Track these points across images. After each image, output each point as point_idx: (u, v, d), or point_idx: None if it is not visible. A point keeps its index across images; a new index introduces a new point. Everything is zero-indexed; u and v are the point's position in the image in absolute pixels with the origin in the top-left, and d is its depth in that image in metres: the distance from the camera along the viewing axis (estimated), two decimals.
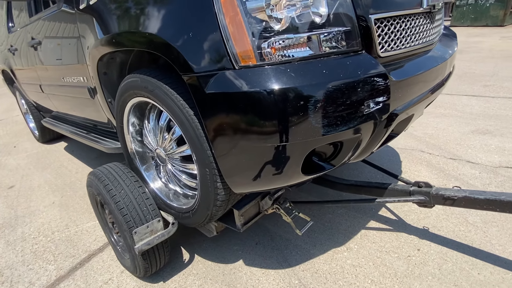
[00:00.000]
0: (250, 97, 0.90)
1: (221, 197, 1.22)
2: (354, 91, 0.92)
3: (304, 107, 0.88)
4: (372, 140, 1.08)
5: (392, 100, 1.01)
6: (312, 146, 0.96)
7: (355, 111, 0.94)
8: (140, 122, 1.51)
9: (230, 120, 0.97)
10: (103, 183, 1.47)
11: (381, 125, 1.04)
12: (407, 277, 1.54)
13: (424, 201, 1.57)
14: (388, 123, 1.06)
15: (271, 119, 0.90)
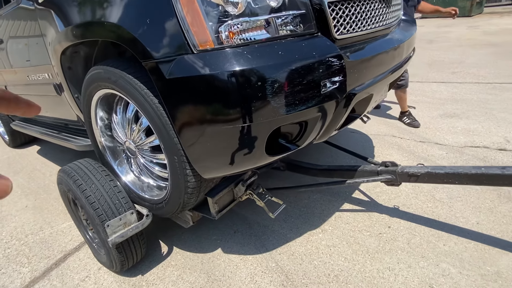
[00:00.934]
0: (210, 80, 0.92)
1: (192, 184, 1.24)
2: (311, 71, 0.96)
3: (262, 87, 0.91)
4: (333, 120, 1.12)
5: (349, 80, 1.05)
6: (274, 126, 0.99)
7: (313, 90, 0.98)
8: (108, 116, 1.50)
9: (192, 104, 0.98)
10: (72, 178, 1.45)
11: (340, 104, 1.09)
12: (378, 252, 1.61)
13: (391, 179, 1.64)
14: (347, 103, 1.11)
15: (231, 101, 0.92)
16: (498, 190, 1.96)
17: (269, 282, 1.52)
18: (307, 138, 1.12)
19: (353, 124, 2.53)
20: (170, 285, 1.57)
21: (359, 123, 2.74)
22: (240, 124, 0.95)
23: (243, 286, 1.51)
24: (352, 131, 3.10)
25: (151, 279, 1.62)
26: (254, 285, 1.51)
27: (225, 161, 1.09)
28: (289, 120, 1.00)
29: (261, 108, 0.93)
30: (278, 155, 1.10)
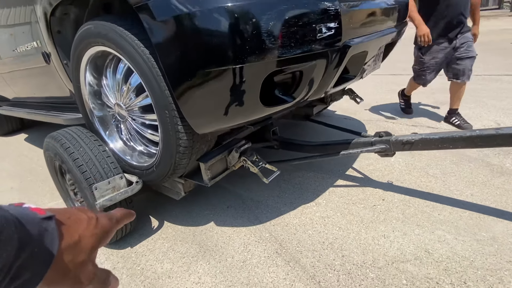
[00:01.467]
0: (200, 17, 0.89)
1: (184, 142, 1.21)
2: (306, 12, 0.94)
3: (256, 25, 0.89)
4: (328, 72, 1.11)
5: (344, 29, 1.04)
6: (269, 69, 0.97)
7: (309, 34, 0.96)
8: (97, 82, 1.46)
9: (183, 47, 0.96)
10: (60, 142, 1.40)
11: (336, 55, 1.08)
12: (373, 222, 1.59)
13: (385, 149, 1.63)
14: (342, 55, 1.10)
15: (223, 38, 0.90)
16: (490, 166, 1.97)
17: (262, 250, 1.48)
18: (302, 90, 1.10)
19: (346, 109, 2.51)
20: (160, 255, 1.52)
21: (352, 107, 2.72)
22: (233, 65, 0.92)
23: (236, 255, 1.47)
24: (345, 117, 3.11)
25: (140, 250, 1.57)
26: (248, 254, 1.47)
27: (219, 112, 1.06)
28: (284, 64, 0.98)
29: (255, 47, 0.91)
30: (273, 106, 1.08)
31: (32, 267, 0.24)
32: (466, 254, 1.34)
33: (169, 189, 1.65)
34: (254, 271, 1.37)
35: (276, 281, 1.31)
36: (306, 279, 1.30)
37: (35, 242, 0.24)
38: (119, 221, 0.37)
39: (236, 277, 1.35)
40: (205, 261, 1.46)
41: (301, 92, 1.10)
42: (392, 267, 1.32)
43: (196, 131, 1.16)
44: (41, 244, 0.25)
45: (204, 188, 2.05)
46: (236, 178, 2.14)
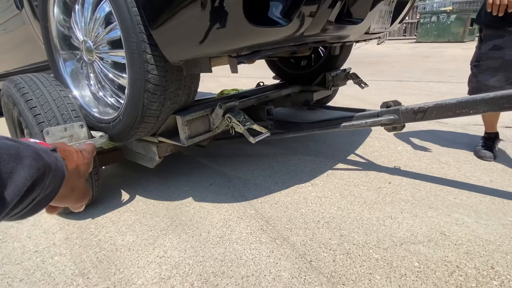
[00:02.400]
0: None
1: (154, 78, 1.01)
2: None
3: None
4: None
5: None
6: None
7: None
8: (67, 18, 1.29)
9: None
10: (15, 83, 1.21)
11: None
12: (378, 203, 1.35)
13: (393, 120, 1.42)
14: None
15: None
16: (509, 154, 1.74)
17: (245, 226, 1.24)
18: (297, 12, 0.90)
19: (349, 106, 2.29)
20: (124, 228, 1.28)
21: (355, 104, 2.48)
22: None
23: (213, 230, 1.23)
24: None
25: (102, 222, 1.33)
26: (227, 230, 1.23)
27: (197, 29, 0.87)
28: None
29: None
30: (262, 26, 0.89)
31: (53, 184, 0.33)
32: (491, 238, 1.10)
33: (142, 155, 1.43)
34: (232, 247, 1.12)
35: (258, 258, 1.06)
36: (294, 257, 1.06)
37: (53, 167, 0.32)
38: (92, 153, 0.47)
39: (209, 253, 1.10)
40: (175, 235, 1.21)
41: (295, 14, 0.91)
42: (401, 249, 1.07)
43: (169, 59, 0.96)
44: (56, 168, 0.33)
45: (184, 168, 1.83)
46: (223, 159, 1.92)
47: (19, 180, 0.28)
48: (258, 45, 0.97)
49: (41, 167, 0.30)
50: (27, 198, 0.30)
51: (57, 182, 0.34)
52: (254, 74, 5.47)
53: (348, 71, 2.27)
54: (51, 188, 0.33)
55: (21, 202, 0.29)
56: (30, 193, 0.30)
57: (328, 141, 2.12)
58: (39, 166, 0.30)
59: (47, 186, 0.32)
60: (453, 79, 4.23)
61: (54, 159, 0.34)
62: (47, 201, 0.33)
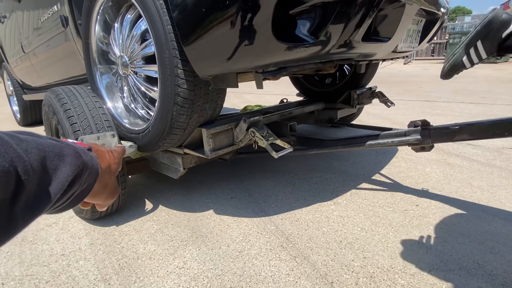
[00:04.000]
0: None
1: (183, 91, 1.05)
2: None
3: None
4: (356, 15, 0.93)
5: None
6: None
7: None
8: (106, 35, 1.38)
9: None
10: (56, 93, 1.30)
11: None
12: (404, 226, 1.29)
13: (421, 140, 1.38)
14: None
15: None
16: None
17: (265, 242, 1.23)
18: (324, 30, 0.92)
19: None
20: (146, 236, 1.30)
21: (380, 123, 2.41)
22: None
23: (232, 244, 1.22)
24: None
25: (126, 230, 1.36)
26: (247, 244, 1.22)
27: (226, 45, 0.90)
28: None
29: None
30: (291, 42, 0.91)
31: (88, 180, 0.36)
32: None
33: (167, 166, 1.47)
34: (251, 263, 1.11)
35: (277, 276, 1.04)
36: (315, 277, 1.03)
37: (89, 165, 0.35)
38: (122, 154, 0.51)
39: (228, 267, 1.09)
40: (195, 247, 1.22)
41: (322, 32, 0.92)
42: (429, 275, 1.01)
43: (198, 74, 1.00)
44: (92, 166, 0.36)
45: (207, 180, 1.85)
46: (244, 173, 1.93)
47: (62, 176, 0.31)
48: (284, 62, 0.99)
49: (80, 165, 0.33)
50: (68, 193, 0.32)
51: (92, 178, 0.37)
52: (277, 91, 5.54)
53: (374, 89, 2.24)
54: (87, 184, 0.36)
55: (63, 196, 0.31)
56: (71, 188, 0.32)
57: (352, 159, 2.08)
58: (79, 163, 0.33)
59: (84, 182, 0.35)
60: (485, 100, 4.06)
61: (90, 158, 0.36)
62: (83, 196, 0.36)
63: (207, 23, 0.88)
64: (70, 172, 0.31)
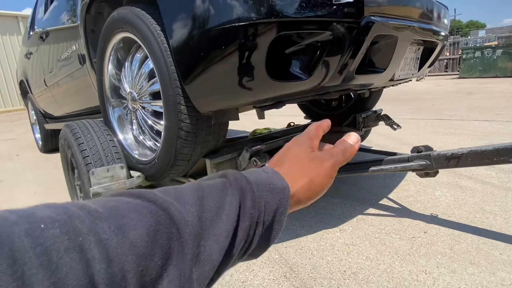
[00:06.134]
0: None
1: (186, 126, 1.11)
2: None
3: None
4: (348, 51, 0.98)
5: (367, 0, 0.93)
6: (274, 32, 0.87)
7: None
8: (118, 72, 1.48)
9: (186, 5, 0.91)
10: (71, 128, 1.39)
11: (357, 30, 0.95)
12: (411, 255, 1.27)
13: (425, 165, 1.37)
14: (365, 30, 0.97)
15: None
16: None
17: (268, 272, 1.23)
18: (317, 67, 0.97)
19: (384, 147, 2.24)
20: None
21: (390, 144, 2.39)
22: (235, 23, 0.84)
23: (235, 274, 1.23)
24: None
25: None
26: (250, 274, 1.22)
27: (223, 84, 0.96)
28: (292, 28, 0.87)
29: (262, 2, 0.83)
30: (284, 81, 0.96)
31: (269, 219, 0.31)
32: None
33: None
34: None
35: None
36: None
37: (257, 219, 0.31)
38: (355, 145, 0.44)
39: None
40: None
41: (316, 69, 0.97)
42: None
43: (199, 110, 1.06)
44: (281, 191, 0.32)
45: None
46: None
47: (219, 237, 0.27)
48: (281, 96, 1.04)
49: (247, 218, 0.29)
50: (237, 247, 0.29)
51: (279, 216, 0.32)
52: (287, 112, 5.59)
53: (379, 112, 2.25)
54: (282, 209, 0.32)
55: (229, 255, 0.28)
56: (238, 243, 0.29)
57: (360, 183, 2.07)
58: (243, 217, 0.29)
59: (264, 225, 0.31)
60: (500, 117, 3.96)
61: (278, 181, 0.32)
62: (271, 235, 0.32)
63: (204, 64, 0.95)
64: (226, 231, 0.27)
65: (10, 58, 13.61)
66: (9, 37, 13.61)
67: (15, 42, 13.81)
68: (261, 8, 0.84)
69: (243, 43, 0.87)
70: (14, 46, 13.76)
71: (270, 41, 0.87)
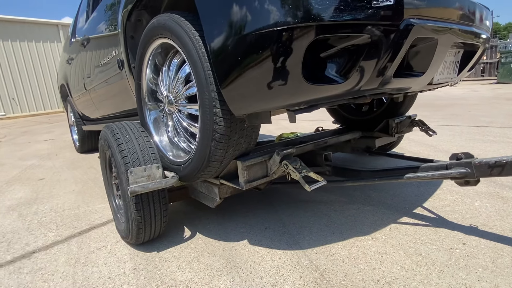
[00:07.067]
0: None
1: (220, 128, 1.13)
2: None
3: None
4: (386, 54, 0.96)
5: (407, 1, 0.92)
6: (312, 36, 0.87)
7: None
8: (155, 77, 1.54)
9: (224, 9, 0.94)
10: (111, 129, 1.46)
11: (396, 33, 0.94)
12: (449, 267, 1.21)
13: (465, 174, 1.31)
14: (404, 33, 0.95)
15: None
16: None
17: (298, 277, 1.22)
18: (354, 71, 0.96)
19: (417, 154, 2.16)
20: (184, 264, 1.36)
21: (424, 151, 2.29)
22: (272, 28, 0.86)
23: (266, 277, 1.23)
24: None
25: (165, 256, 1.44)
26: (280, 278, 1.22)
27: (258, 87, 0.98)
28: (330, 31, 0.87)
29: (296, 6, 0.84)
30: (320, 84, 0.96)
31: None
32: None
33: (205, 195, 1.54)
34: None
35: None
36: None
37: None
38: None
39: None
40: (229, 277, 1.25)
41: (352, 72, 0.96)
42: None
43: (234, 113, 1.09)
44: None
45: (242, 208, 1.90)
46: (279, 203, 1.94)
47: None
48: (315, 100, 1.04)
49: None
50: None
51: None
52: (314, 117, 5.54)
53: (413, 118, 2.18)
54: None
55: None
56: None
57: (392, 191, 2.00)
58: None
59: None
60: None
61: None
62: None
63: (241, 68, 0.97)
64: None
65: (50, 64, 14.60)
66: (49, 44, 14.61)
67: (55, 49, 14.80)
68: (298, 12, 0.85)
69: (280, 47, 0.88)
70: (54, 53, 14.75)
71: (307, 44, 0.88)
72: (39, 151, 4.59)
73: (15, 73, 13.54)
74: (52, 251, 1.56)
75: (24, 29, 13.72)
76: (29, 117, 12.42)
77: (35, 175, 3.15)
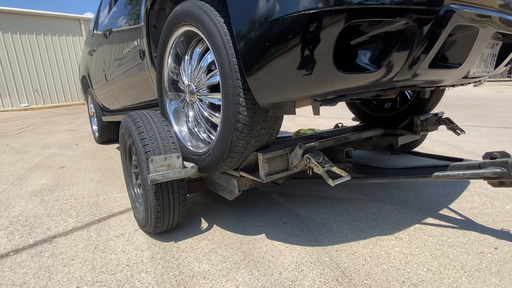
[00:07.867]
0: None
1: (243, 118, 1.10)
2: None
3: None
4: (423, 43, 0.90)
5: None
6: (347, 20, 0.82)
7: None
8: (176, 66, 1.53)
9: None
10: (132, 117, 1.46)
11: (434, 20, 0.88)
12: (480, 271, 1.14)
13: (500, 174, 1.23)
14: (443, 21, 0.89)
15: None
16: None
17: (318, 274, 1.18)
18: (387, 59, 0.91)
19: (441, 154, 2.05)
20: (201, 255, 1.35)
21: (449, 151, 2.18)
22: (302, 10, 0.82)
23: (284, 272, 1.20)
24: None
25: (183, 246, 1.43)
26: (300, 274, 1.19)
27: (287, 73, 0.94)
28: (363, 15, 0.82)
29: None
30: (351, 73, 0.91)
31: None
32: None
33: (223, 187, 1.52)
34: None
35: None
36: None
37: None
38: None
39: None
40: (247, 271, 1.22)
41: (385, 60, 0.91)
42: None
43: (259, 102, 1.05)
44: None
45: (259, 202, 1.87)
46: (296, 198, 1.90)
47: None
48: (344, 90, 0.99)
49: None
50: None
51: None
52: (331, 114, 5.45)
53: (440, 115, 2.08)
54: None
55: None
56: None
57: (415, 190, 1.93)
58: None
59: None
60: None
61: None
62: None
63: (269, 54, 0.93)
64: None
65: (72, 57, 15.01)
66: (71, 38, 15.01)
67: (77, 43, 15.19)
68: None
69: (311, 32, 0.84)
70: (76, 47, 15.14)
71: (340, 30, 0.83)
72: (60, 140, 4.71)
73: (39, 66, 14.01)
74: (72, 237, 1.58)
75: (49, 23, 14.16)
76: (51, 109, 12.82)
77: (56, 163, 3.23)
